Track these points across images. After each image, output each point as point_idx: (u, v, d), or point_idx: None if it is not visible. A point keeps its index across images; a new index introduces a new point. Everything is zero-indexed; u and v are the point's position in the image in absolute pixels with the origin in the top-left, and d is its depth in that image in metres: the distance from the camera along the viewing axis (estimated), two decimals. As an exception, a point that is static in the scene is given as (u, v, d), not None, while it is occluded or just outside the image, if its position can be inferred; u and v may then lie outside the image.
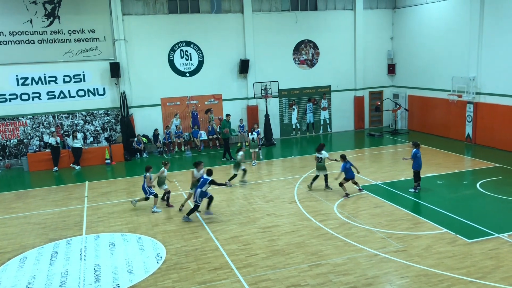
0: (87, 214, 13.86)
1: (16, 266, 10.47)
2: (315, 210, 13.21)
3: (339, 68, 25.49)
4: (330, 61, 25.24)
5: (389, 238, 11.03)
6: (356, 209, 13.16)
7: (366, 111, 26.52)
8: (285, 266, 9.85)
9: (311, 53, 25.01)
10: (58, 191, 16.63)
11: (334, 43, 25.18)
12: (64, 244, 11.66)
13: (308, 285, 8.99)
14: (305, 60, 24.96)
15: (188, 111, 23.24)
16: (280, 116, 25.02)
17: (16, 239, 12.16)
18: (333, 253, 10.38)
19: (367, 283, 8.98)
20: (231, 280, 9.32)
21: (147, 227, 12.55)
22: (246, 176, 16.40)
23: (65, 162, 20.21)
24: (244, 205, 14.09)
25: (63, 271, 10.10)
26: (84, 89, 21.48)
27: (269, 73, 23.68)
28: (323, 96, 25.49)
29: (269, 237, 11.48)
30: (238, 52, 23.51)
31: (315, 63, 25.17)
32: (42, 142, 20.97)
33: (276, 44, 24.09)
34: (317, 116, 25.65)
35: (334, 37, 25.14)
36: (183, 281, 9.41)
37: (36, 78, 20.75)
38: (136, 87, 22.10)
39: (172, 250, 10.92)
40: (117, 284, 9.38)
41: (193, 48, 22.98)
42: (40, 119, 21.02)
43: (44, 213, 14.18)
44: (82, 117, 21.62)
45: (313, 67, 25.17)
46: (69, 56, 21.01)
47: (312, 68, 25.16)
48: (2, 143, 20.63)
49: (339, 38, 25.24)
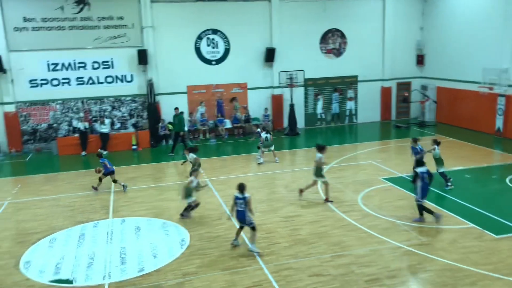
0: (114, 199, 14.16)
1: (46, 247, 10.82)
2: (338, 201, 13.15)
3: (367, 58, 25.11)
4: (358, 51, 24.88)
5: (413, 231, 10.91)
6: (381, 201, 13.04)
7: (393, 102, 26.10)
8: (307, 256, 9.88)
9: (338, 42, 24.70)
10: (86, 175, 17.02)
11: (362, 32, 24.79)
12: (91, 226, 11.97)
13: (330, 275, 9.00)
14: (332, 49, 24.68)
15: (213, 99, 23.34)
16: (305, 106, 24.87)
17: (45, 220, 12.55)
18: (355, 244, 10.34)
19: (390, 275, 8.93)
20: (253, 268, 9.41)
21: (171, 212, 12.74)
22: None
23: (93, 147, 20.61)
24: (267, 194, 14.14)
25: (90, 253, 10.38)
26: (112, 76, 21.82)
27: (295, 62, 23.51)
28: (350, 86, 25.20)
29: (291, 226, 11.50)
30: (264, 40, 23.41)
31: (342, 53, 24.86)
32: (71, 127, 21.45)
33: (303, 33, 23.87)
34: (343, 107, 25.39)
35: (362, 27, 24.75)
36: (206, 266, 9.55)
37: (66, 64, 21.18)
38: (163, 75, 22.30)
39: (196, 236, 11.07)
40: (142, 268, 9.59)
41: (220, 36, 23.00)
42: (70, 105, 21.49)
43: (72, 196, 14.56)
44: (110, 103, 22.00)
45: (340, 56, 24.87)
46: (98, 42, 21.34)
47: (339, 58, 24.86)
48: (33, 127, 21.21)
49: (367, 28, 24.83)
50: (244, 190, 10.10)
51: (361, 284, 8.66)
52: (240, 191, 10.07)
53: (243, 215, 10.08)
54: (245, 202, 10.00)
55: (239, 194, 10.05)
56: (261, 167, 17.28)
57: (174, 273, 9.33)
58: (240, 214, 10.10)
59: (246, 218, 10.08)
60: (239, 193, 10.06)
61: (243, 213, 10.06)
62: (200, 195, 14.02)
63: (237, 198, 10.07)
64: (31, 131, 21.24)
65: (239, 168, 17.17)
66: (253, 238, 10.10)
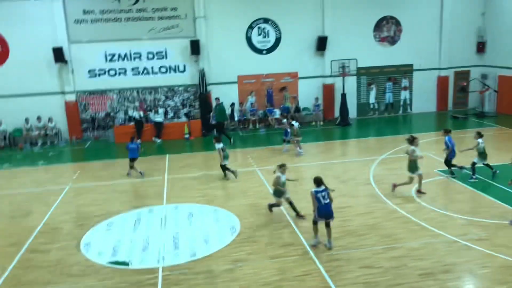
0: (167, 185, 14.58)
1: (104, 230, 11.34)
2: (391, 193, 12.85)
3: (423, 46, 24.18)
4: (413, 39, 24.01)
5: (471, 226, 10.48)
6: (436, 194, 12.63)
7: (450, 92, 25.05)
8: (358, 247, 9.75)
9: (393, 30, 23.95)
10: (141, 163, 17.51)
11: (419, 19, 23.88)
12: (146, 212, 12.40)
13: (382, 268, 8.85)
14: (386, 37, 23.98)
15: (263, 88, 23.37)
16: (358, 95, 24.38)
17: (103, 205, 13.13)
18: (408, 237, 10.09)
19: (444, 270, 8.65)
20: (303, 257, 9.41)
21: (222, 200, 12.96)
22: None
23: (148, 135, 21.31)
24: (318, 184, 14.01)
25: (145, 237, 10.77)
26: (166, 66, 22.36)
27: (347, 51, 23.03)
28: (404, 75, 24.42)
29: (342, 217, 11.37)
30: (315, 29, 23.10)
31: (396, 41, 24.10)
32: (127, 116, 22.23)
33: (356, 21, 23.33)
34: (397, 96, 24.67)
35: (418, 13, 23.83)
36: (255, 254, 9.66)
37: (123, 55, 21.92)
38: (214, 65, 22.57)
39: (246, 224, 11.21)
40: (194, 253, 9.85)
41: (271, 25, 22.94)
42: (125, 94, 22.26)
43: (128, 182, 15.12)
44: (164, 92, 22.57)
45: (395, 44, 24.12)
46: (153, 33, 21.90)
47: (394, 46, 24.12)
48: (91, 115, 22.18)
49: (424, 14, 23.88)
50: (322, 182, 9.65)
51: (414, 278, 8.45)
52: (318, 185, 9.60)
53: (330, 208, 9.60)
54: (327, 194, 9.59)
55: (318, 188, 9.59)
56: (312, 157, 17.18)
57: (225, 259, 9.51)
58: (327, 207, 9.57)
59: (332, 210, 9.68)
60: (318, 187, 9.59)
61: (329, 206, 9.60)
62: (250, 184, 14.19)
63: (317, 192, 9.56)
64: (89, 120, 22.23)
65: (289, 158, 17.14)
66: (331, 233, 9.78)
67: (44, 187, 14.97)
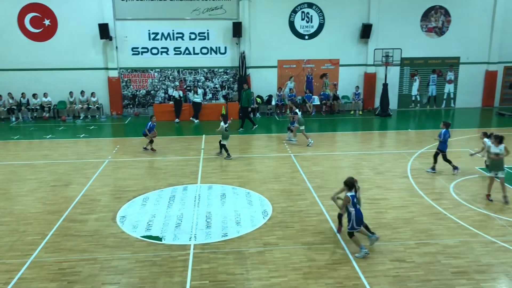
0: (202, 165, 14.76)
1: (140, 204, 11.62)
2: (428, 188, 12.55)
3: (472, 39, 23.27)
4: (462, 30, 23.13)
5: (511, 227, 10.12)
6: (476, 192, 12.23)
7: (498, 88, 24.07)
8: (391, 240, 9.60)
9: (442, 20, 23.12)
10: (178, 141, 17.91)
11: (469, 10, 22.95)
12: (181, 190, 12.62)
13: (414, 262, 8.69)
14: (433, 27, 23.18)
15: (303, 74, 23.16)
16: (400, 86, 23.80)
17: (140, 180, 13.44)
18: (444, 234, 9.84)
19: (479, 270, 8.41)
20: (334, 246, 9.35)
21: (256, 183, 13.01)
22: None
23: (186, 115, 21.58)
24: (353, 174, 13.74)
25: (178, 214, 10.97)
26: (207, 47, 22.46)
27: (392, 40, 22.47)
28: (450, 68, 23.61)
29: (376, 209, 11.22)
30: (361, 16, 22.60)
31: (444, 32, 23.27)
32: (166, 95, 22.56)
33: (403, 9, 22.67)
34: (441, 89, 23.92)
35: (470, 4, 22.91)
36: (287, 239, 9.67)
37: (166, 34, 22.16)
38: (255, 48, 22.49)
39: (278, 209, 11.22)
40: (226, 233, 9.96)
41: (315, 10, 22.58)
42: (166, 73, 22.55)
43: (165, 160, 15.41)
44: (204, 73, 22.72)
45: (442, 35, 23.31)
46: (196, 14, 21.99)
47: (441, 37, 23.32)
48: (133, 92, 22.62)
49: (476, 5, 22.93)
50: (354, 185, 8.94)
51: (447, 275, 8.26)
52: (350, 188, 8.86)
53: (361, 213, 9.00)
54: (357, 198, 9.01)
55: (351, 192, 8.84)
56: (349, 147, 16.98)
57: (255, 241, 9.57)
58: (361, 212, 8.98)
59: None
60: (350, 190, 8.84)
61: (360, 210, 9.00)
62: (284, 169, 14.18)
63: (353, 197, 8.80)
64: (131, 96, 22.68)
65: (325, 146, 17.01)
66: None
67: (84, 159, 15.47)
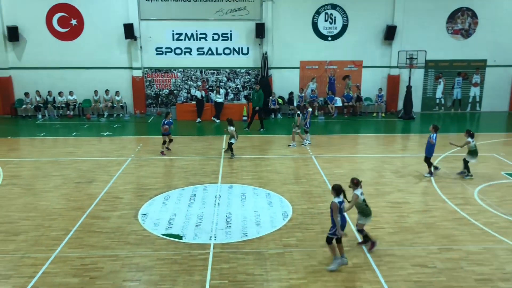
0: (223, 165, 14.83)
1: (161, 202, 11.75)
2: (452, 192, 12.34)
3: (500, 41, 22.77)
4: (490, 33, 22.65)
5: (537, 235, 9.88)
6: (501, 198, 11.97)
7: (525, 92, 23.52)
8: (412, 245, 9.48)
9: (468, 22, 22.69)
10: (199, 141, 18.04)
11: (498, 12, 22.46)
12: (201, 189, 12.71)
13: (436, 268, 8.56)
14: (460, 30, 22.77)
15: (325, 75, 23.03)
16: (424, 89, 23.45)
17: (162, 178, 13.60)
18: (467, 240, 9.67)
19: (504, 278, 8.23)
20: (354, 249, 9.28)
21: (276, 184, 13.01)
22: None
23: (208, 114, 21.72)
24: (375, 177, 13.73)
25: (199, 213, 11.05)
26: (230, 48, 22.56)
27: (416, 42, 22.15)
28: (476, 71, 23.15)
29: (398, 213, 11.09)
30: (385, 17, 22.35)
31: (471, 34, 22.83)
32: (189, 95, 22.74)
33: (429, 11, 22.32)
34: (466, 92, 23.48)
35: (498, 5, 22.42)
36: (306, 241, 9.65)
37: (189, 34, 22.35)
38: (277, 49, 22.48)
39: (299, 210, 11.20)
40: (245, 233, 9.99)
41: (339, 11, 22.44)
42: (189, 73, 22.74)
43: (186, 159, 15.54)
44: (226, 74, 22.83)
45: (468, 38, 22.87)
46: (219, 15, 22.10)
47: (467, 39, 22.88)
48: (156, 92, 22.89)
49: (504, 7, 22.42)
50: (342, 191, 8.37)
51: (470, 282, 8.11)
52: (338, 194, 8.31)
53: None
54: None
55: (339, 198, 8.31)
56: (371, 149, 16.84)
57: (275, 242, 9.57)
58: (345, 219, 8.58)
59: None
60: (338, 196, 8.31)
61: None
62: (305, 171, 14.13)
63: (341, 204, 8.32)
64: (154, 96, 22.95)
65: (347, 148, 16.89)
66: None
67: (108, 157, 15.72)
